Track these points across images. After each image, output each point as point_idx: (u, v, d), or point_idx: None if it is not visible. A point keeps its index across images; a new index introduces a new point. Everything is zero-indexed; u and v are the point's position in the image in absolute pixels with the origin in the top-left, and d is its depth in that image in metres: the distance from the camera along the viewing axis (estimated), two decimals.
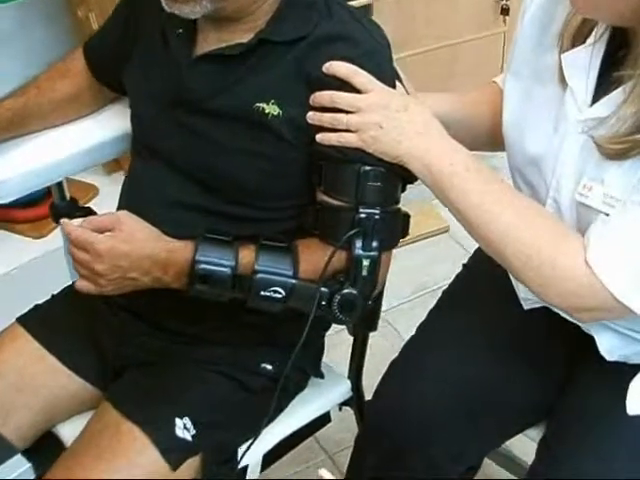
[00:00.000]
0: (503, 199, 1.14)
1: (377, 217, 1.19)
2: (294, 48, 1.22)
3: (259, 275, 1.19)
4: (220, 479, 1.31)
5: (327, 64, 1.19)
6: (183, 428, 1.28)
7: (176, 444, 1.26)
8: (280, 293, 1.20)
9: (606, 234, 1.08)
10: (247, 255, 1.21)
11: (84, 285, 1.21)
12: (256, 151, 1.24)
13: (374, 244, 1.19)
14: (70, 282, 1.46)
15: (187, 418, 1.28)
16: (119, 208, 1.39)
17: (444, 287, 1.52)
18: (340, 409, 1.55)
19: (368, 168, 1.19)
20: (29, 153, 1.46)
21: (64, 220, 1.22)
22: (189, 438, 1.28)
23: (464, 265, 1.50)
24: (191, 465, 1.28)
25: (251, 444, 1.31)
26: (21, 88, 1.48)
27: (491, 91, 1.38)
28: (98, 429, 1.29)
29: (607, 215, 1.09)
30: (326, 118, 1.18)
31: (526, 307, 1.30)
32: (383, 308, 2.57)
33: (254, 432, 1.32)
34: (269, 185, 1.26)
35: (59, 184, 1.58)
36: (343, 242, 1.19)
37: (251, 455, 1.37)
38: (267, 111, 1.22)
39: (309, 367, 1.45)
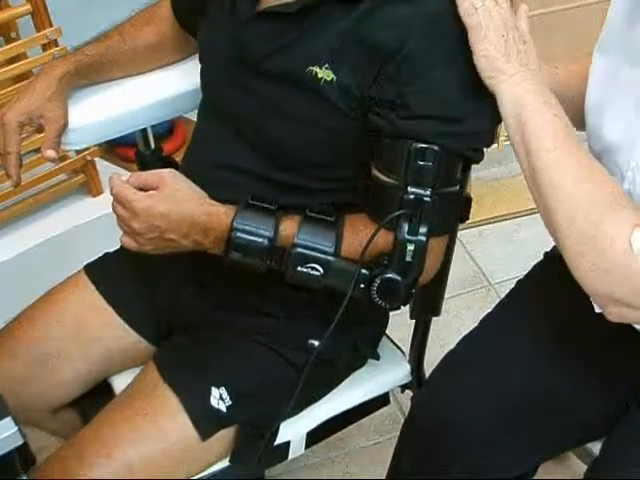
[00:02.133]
0: (577, 153, 1.00)
1: (426, 199, 1.08)
2: (354, 10, 1.12)
3: (297, 249, 1.12)
4: (254, 453, 1.27)
5: None
6: (219, 398, 1.24)
7: (209, 414, 1.23)
8: (318, 270, 1.13)
9: None
10: (289, 227, 1.14)
11: (126, 241, 1.18)
12: (307, 117, 1.15)
13: (422, 229, 1.09)
14: None
15: (224, 388, 1.24)
16: (181, 165, 1.35)
17: None
18: (402, 391, 1.48)
19: (421, 146, 1.08)
20: (105, 101, 1.43)
21: (113, 174, 1.19)
22: (224, 409, 1.24)
23: (545, 254, 1.37)
24: (224, 436, 1.25)
25: (279, 424, 1.26)
26: (104, 34, 1.45)
27: (587, 64, 1.23)
28: (138, 388, 1.28)
29: None
30: None
31: (597, 310, 1.16)
32: (495, 280, 2.46)
33: (294, 409, 1.28)
34: (320, 154, 1.18)
35: (143, 132, 1.55)
36: (386, 222, 1.09)
37: (294, 432, 1.32)
38: (320, 76, 1.13)
39: (364, 347, 1.37)
